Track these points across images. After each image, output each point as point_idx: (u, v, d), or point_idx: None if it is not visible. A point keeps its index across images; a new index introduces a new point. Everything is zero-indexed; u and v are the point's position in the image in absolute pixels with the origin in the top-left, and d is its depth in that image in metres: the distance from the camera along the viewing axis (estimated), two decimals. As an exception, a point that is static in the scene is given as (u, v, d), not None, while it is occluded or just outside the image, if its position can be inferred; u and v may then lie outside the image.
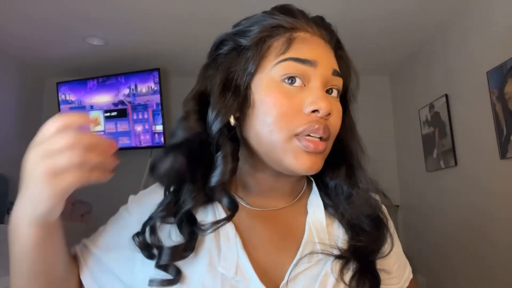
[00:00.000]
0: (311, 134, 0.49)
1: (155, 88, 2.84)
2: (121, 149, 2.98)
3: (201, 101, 0.52)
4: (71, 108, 3.04)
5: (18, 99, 2.95)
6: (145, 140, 2.89)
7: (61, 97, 3.06)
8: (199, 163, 0.51)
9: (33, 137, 0.45)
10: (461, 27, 2.21)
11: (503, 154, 1.83)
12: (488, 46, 1.96)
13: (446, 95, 2.34)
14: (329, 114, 0.49)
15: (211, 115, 0.50)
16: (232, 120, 0.50)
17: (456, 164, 2.25)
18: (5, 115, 2.80)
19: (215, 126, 0.50)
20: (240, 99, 0.51)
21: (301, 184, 0.60)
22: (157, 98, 2.84)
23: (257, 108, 0.50)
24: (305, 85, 0.50)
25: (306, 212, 0.57)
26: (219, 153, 0.50)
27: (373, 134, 3.24)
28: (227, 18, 0.59)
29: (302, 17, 0.54)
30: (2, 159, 2.74)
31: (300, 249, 0.52)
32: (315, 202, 0.57)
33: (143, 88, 2.87)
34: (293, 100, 0.49)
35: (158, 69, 2.84)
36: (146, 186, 0.63)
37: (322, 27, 0.55)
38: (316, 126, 0.48)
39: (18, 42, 2.59)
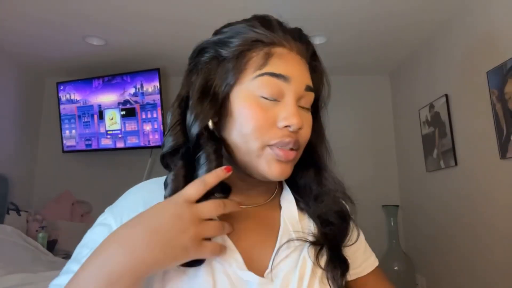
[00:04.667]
0: (288, 146, 0.54)
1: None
2: (127, 148, 2.98)
3: (186, 106, 0.57)
4: (78, 108, 3.04)
5: (18, 99, 2.95)
6: (154, 140, 2.88)
7: (66, 96, 3.05)
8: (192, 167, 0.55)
9: (33, 137, 0.45)
10: (461, 27, 2.21)
11: (503, 154, 1.83)
12: (488, 46, 1.96)
13: (446, 95, 2.35)
14: (300, 128, 0.54)
15: (189, 118, 0.55)
16: (210, 125, 0.54)
17: (456, 164, 2.25)
18: (5, 115, 2.80)
19: (194, 130, 0.54)
20: (217, 106, 0.55)
21: (274, 183, 0.65)
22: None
23: (235, 118, 0.54)
24: (279, 100, 0.55)
25: (281, 208, 0.63)
26: (202, 153, 0.54)
27: (373, 134, 3.26)
28: (227, 17, 0.60)
29: (280, 30, 0.57)
30: (2, 159, 2.74)
31: (278, 239, 0.58)
32: (287, 198, 0.64)
33: (149, 87, 2.87)
34: (268, 113, 0.54)
35: (158, 69, 2.84)
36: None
37: (298, 40, 0.58)
38: (287, 140, 0.53)
39: (18, 42, 2.59)
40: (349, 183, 0.66)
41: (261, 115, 0.53)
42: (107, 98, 2.98)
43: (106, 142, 2.99)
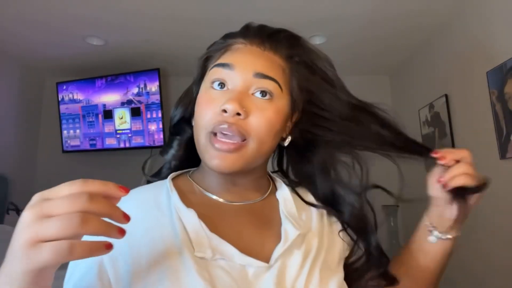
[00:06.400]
0: (223, 132, 0.53)
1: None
2: (132, 148, 2.96)
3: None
4: (83, 107, 3.04)
5: (18, 99, 2.95)
6: (159, 140, 2.87)
7: (69, 96, 3.06)
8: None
9: (33, 137, 0.44)
10: (461, 27, 2.21)
11: (503, 154, 1.83)
12: (488, 46, 1.96)
13: (446, 95, 2.34)
14: (238, 114, 0.53)
15: (173, 111, 0.65)
16: (193, 122, 0.60)
17: (456, 164, 2.25)
18: (5, 115, 2.80)
19: (175, 120, 0.64)
20: (193, 101, 0.61)
21: (264, 180, 0.66)
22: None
23: (195, 112, 0.59)
24: (229, 88, 0.56)
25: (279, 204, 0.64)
26: (175, 138, 0.65)
27: (373, 134, 3.25)
28: (226, 19, 0.61)
29: (247, 31, 0.60)
30: (2, 159, 2.74)
31: (282, 232, 0.57)
32: (283, 195, 0.64)
33: (152, 87, 2.87)
34: (214, 102, 0.55)
35: (158, 69, 2.84)
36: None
37: (266, 37, 0.59)
38: (223, 125, 0.53)
39: (18, 42, 2.59)
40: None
41: (205, 104, 0.56)
42: (110, 97, 2.97)
43: (110, 142, 2.99)
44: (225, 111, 0.53)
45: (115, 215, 0.37)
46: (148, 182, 0.66)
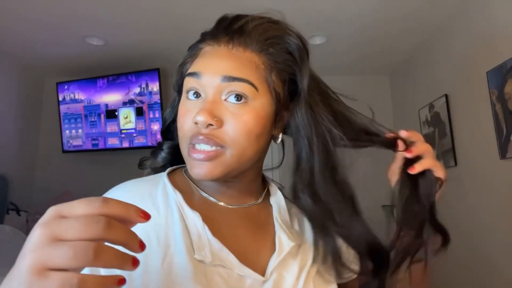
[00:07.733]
0: (199, 143, 0.52)
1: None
2: (135, 148, 2.96)
3: None
4: (85, 107, 3.03)
5: (18, 99, 2.95)
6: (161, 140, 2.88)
7: (70, 96, 3.06)
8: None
9: (33, 137, 0.43)
10: (461, 27, 2.21)
11: (503, 154, 1.83)
12: (488, 46, 1.96)
13: (446, 95, 2.35)
14: (210, 125, 0.50)
15: (166, 112, 0.66)
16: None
17: (456, 164, 2.25)
18: (5, 115, 2.80)
19: (165, 124, 0.66)
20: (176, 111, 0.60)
21: (257, 183, 0.63)
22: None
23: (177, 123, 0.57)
24: (202, 97, 0.53)
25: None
26: (168, 141, 0.66)
27: (373, 134, 3.26)
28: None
29: (219, 28, 0.56)
30: (2, 159, 2.74)
31: (276, 242, 0.56)
32: (277, 201, 0.62)
33: (154, 86, 2.87)
34: (189, 113, 0.52)
35: (158, 69, 2.84)
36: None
37: (234, 33, 0.54)
38: (199, 137, 0.51)
39: (17, 42, 2.59)
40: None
41: (182, 116, 0.54)
42: (111, 97, 2.97)
43: (113, 142, 2.99)
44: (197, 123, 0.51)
45: (132, 244, 0.33)
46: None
